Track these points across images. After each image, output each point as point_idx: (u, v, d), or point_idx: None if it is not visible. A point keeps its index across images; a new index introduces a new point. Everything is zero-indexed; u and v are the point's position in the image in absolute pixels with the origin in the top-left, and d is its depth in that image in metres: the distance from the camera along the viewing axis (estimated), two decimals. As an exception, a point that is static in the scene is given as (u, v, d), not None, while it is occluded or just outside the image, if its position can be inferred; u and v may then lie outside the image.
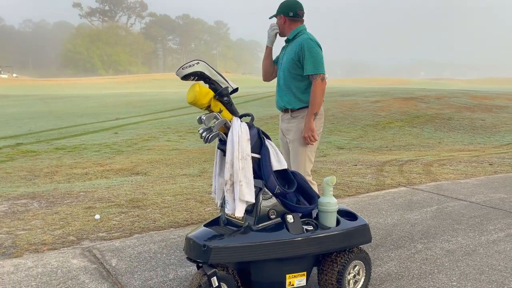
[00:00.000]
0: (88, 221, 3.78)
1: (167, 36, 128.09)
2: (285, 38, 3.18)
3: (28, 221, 3.76)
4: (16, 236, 3.38)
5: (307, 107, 3.05)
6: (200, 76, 2.20)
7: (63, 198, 4.67)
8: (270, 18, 3.20)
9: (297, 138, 3.07)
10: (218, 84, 2.23)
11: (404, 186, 5.26)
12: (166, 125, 12.15)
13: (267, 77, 3.39)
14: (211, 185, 5.25)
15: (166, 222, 3.80)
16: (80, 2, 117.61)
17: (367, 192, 4.94)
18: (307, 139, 3.01)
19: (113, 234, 3.48)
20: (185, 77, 2.17)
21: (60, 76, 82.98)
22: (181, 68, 2.14)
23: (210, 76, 2.21)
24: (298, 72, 3.05)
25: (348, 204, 4.37)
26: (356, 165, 7.00)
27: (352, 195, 4.80)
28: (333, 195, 2.42)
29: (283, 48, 3.22)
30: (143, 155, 8.02)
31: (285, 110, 3.17)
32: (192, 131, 11.22)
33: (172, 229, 3.64)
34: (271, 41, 3.21)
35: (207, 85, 2.25)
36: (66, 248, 3.15)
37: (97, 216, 3.87)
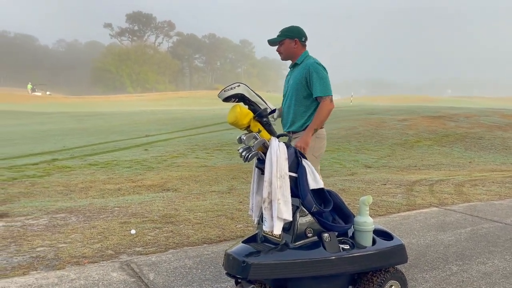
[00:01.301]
0: (125, 235, 3.91)
1: (194, 55, 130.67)
2: (292, 63, 3.27)
3: (68, 235, 3.91)
4: (58, 249, 3.52)
5: None
6: (240, 98, 2.30)
7: (99, 213, 4.83)
8: (276, 40, 3.18)
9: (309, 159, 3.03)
10: (257, 105, 2.33)
11: (436, 206, 5.19)
12: (194, 142, 12.36)
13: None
14: (241, 202, 5.33)
15: (199, 238, 3.88)
16: (111, 23, 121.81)
17: (398, 212, 4.90)
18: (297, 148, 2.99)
19: (149, 249, 3.59)
20: (227, 99, 2.28)
21: (90, 94, 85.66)
22: (223, 91, 2.26)
23: (250, 98, 2.31)
24: (304, 94, 3.13)
25: (379, 223, 4.35)
26: (385, 184, 6.95)
27: (382, 215, 4.77)
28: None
29: (290, 72, 3.33)
30: (173, 171, 8.18)
31: (294, 132, 3.18)
32: (219, 148, 11.37)
33: (205, 245, 3.71)
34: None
35: (247, 107, 2.35)
36: (105, 262, 3.27)
37: (133, 231, 3.99)
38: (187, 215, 4.72)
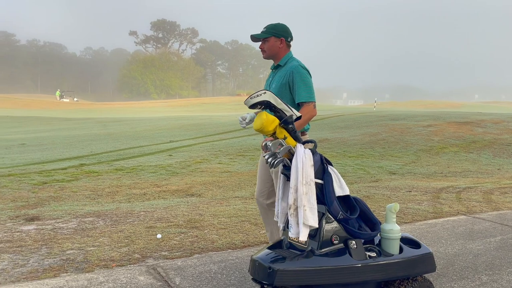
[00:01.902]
0: (151, 239, 3.98)
1: (216, 61, 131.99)
2: (274, 63, 3.10)
3: (96, 238, 4.01)
4: (86, 252, 3.62)
5: None
6: (266, 105, 2.33)
7: (126, 217, 4.93)
8: (261, 37, 2.99)
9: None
10: (283, 112, 2.35)
11: (464, 214, 5.08)
12: (217, 148, 12.45)
13: None
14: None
15: (224, 243, 3.91)
16: (136, 30, 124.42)
17: (424, 220, 4.82)
18: None
19: (174, 253, 3.64)
20: (253, 106, 2.31)
21: (116, 100, 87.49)
22: (249, 98, 2.29)
23: (276, 104, 2.33)
24: (287, 99, 2.96)
25: (404, 231, 4.29)
26: (410, 191, 6.84)
27: (408, 222, 4.70)
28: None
29: (272, 73, 3.15)
30: (197, 177, 8.27)
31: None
32: (242, 154, 11.42)
33: (230, 250, 3.74)
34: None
35: (273, 113, 2.37)
36: (132, 265, 3.33)
37: (159, 236, 4.06)
38: (211, 220, 4.76)
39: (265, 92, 2.31)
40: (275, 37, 2.97)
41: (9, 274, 3.11)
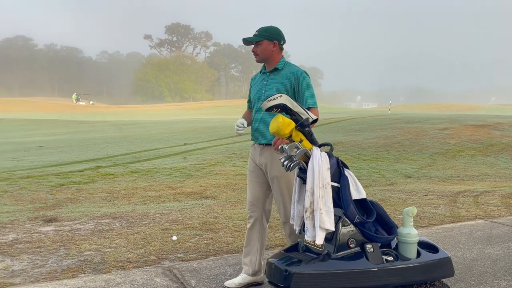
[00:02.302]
0: (166, 241, 4.01)
1: (230, 64, 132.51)
2: (268, 67, 2.94)
3: (113, 240, 4.06)
4: (104, 253, 3.66)
5: None
6: (282, 108, 2.33)
7: (141, 219, 4.98)
8: (253, 40, 2.88)
9: (284, 175, 2.75)
10: (299, 115, 2.35)
11: (482, 218, 5.00)
12: (231, 150, 12.49)
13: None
14: (277, 211, 5.34)
15: (239, 245, 3.92)
16: (151, 34, 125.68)
17: (441, 224, 4.76)
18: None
19: (190, 255, 3.66)
20: (269, 109, 2.32)
21: (131, 103, 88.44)
22: (266, 101, 2.30)
23: (292, 108, 2.34)
24: None
25: (421, 235, 4.23)
26: (426, 195, 6.76)
27: (425, 226, 4.65)
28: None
29: (264, 76, 2.96)
30: (211, 179, 8.31)
31: (266, 144, 2.85)
32: (256, 157, 11.45)
33: (244, 253, 3.74)
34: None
35: (289, 116, 2.38)
36: (148, 267, 3.36)
37: (174, 238, 4.09)
38: (226, 222, 4.78)
39: (281, 95, 2.32)
40: (268, 40, 2.87)
41: (28, 275, 3.17)
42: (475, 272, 3.29)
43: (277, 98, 2.31)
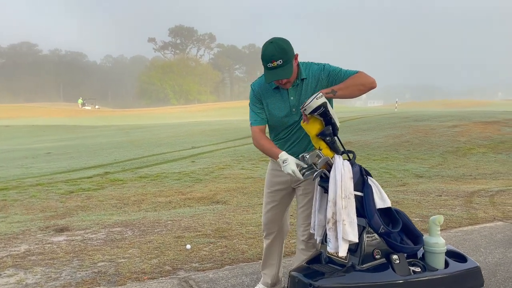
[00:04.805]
0: (180, 250, 3.94)
1: (234, 66, 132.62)
2: (291, 81, 2.46)
3: (126, 249, 4.00)
4: (117, 264, 3.60)
5: None
6: (324, 107, 2.19)
7: (153, 226, 4.91)
8: (289, 75, 2.37)
9: (313, 189, 2.48)
10: (333, 118, 2.24)
11: (501, 220, 4.89)
12: (239, 153, 12.43)
13: None
14: (291, 215, 5.26)
15: (254, 253, 3.85)
16: (155, 37, 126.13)
17: (459, 227, 4.65)
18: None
19: (205, 265, 3.59)
20: (314, 111, 2.18)
21: (136, 107, 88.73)
22: (309, 102, 2.17)
23: (329, 109, 2.23)
24: None
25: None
26: (440, 195, 6.65)
27: (443, 230, 4.54)
28: (421, 229, 2.32)
29: (291, 90, 2.50)
30: (220, 183, 8.24)
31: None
32: (264, 159, 11.35)
33: (260, 261, 3.65)
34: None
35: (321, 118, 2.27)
36: (164, 278, 3.30)
37: (188, 246, 4.02)
38: (239, 229, 4.71)
39: (322, 95, 2.19)
40: (289, 63, 2.36)
41: (43, 288, 3.12)
42: (499, 278, 3.19)
43: (319, 97, 2.14)
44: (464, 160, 11.38)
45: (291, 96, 2.50)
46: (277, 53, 2.31)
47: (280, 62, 2.32)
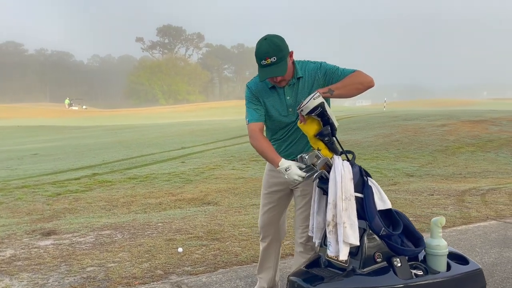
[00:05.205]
0: (172, 254, 3.84)
1: (223, 65, 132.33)
2: (288, 79, 2.39)
3: (116, 253, 3.88)
4: (107, 268, 3.49)
5: None
6: (321, 107, 2.12)
7: (144, 229, 4.80)
8: (284, 72, 2.30)
9: (312, 190, 2.42)
10: (331, 118, 2.18)
11: (494, 219, 4.88)
12: (230, 153, 12.32)
13: None
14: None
15: (248, 256, 3.76)
16: (143, 37, 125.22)
17: (453, 226, 4.63)
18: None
19: (198, 268, 3.50)
20: (311, 111, 2.11)
21: (124, 107, 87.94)
22: (306, 102, 2.09)
23: (327, 109, 2.16)
24: None
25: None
26: (432, 194, 6.64)
27: (437, 229, 4.51)
28: (418, 229, 2.27)
29: (287, 89, 2.42)
30: (211, 184, 8.14)
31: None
32: (255, 159, 11.27)
33: (254, 264, 3.58)
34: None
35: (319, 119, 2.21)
36: (155, 283, 3.20)
37: (180, 249, 3.92)
38: (232, 230, 4.62)
39: (319, 95, 2.12)
40: (284, 60, 2.29)
41: (29, 295, 3.00)
42: (497, 279, 3.16)
43: (317, 97, 2.08)
44: (453, 158, 11.45)
45: (287, 96, 2.43)
46: (271, 50, 2.24)
47: (274, 59, 2.24)
